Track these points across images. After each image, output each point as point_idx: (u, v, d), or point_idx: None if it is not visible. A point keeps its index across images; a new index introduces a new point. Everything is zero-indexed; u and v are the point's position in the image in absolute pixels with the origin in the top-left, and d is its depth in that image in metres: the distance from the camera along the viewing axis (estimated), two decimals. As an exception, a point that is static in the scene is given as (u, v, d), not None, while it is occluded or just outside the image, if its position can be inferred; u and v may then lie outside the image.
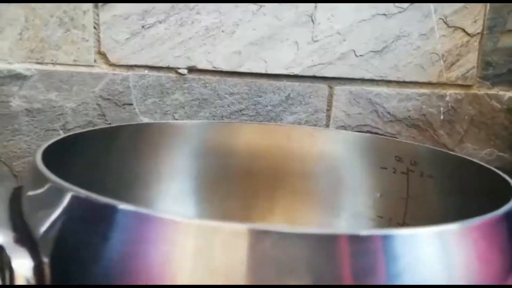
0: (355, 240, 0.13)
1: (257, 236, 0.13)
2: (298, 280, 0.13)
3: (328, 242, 0.13)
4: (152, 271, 0.14)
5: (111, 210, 0.15)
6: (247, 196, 0.36)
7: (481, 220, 0.15)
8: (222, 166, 0.36)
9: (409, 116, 0.43)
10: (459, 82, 0.45)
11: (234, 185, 0.36)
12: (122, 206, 0.15)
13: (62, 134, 0.33)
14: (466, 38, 0.43)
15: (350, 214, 0.34)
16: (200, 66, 0.38)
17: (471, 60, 0.45)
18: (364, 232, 0.13)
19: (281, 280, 0.13)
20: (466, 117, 0.45)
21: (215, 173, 0.35)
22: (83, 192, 0.16)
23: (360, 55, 0.41)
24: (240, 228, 0.13)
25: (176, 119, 0.38)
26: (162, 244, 0.14)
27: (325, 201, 0.35)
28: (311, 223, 0.34)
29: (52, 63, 0.35)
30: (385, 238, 0.14)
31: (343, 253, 0.13)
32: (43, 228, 0.16)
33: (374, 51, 0.41)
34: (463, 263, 0.15)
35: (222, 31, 0.37)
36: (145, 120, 0.37)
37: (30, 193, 0.19)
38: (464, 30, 0.43)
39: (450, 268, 0.15)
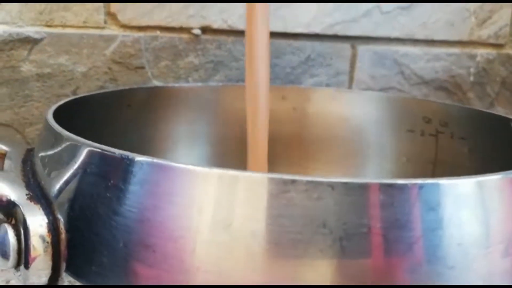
0: (390, 189, 0.12)
1: (281, 186, 0.12)
2: (328, 233, 0.12)
3: (359, 191, 0.12)
4: (172, 224, 0.14)
5: (128, 163, 0.14)
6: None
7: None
8: (239, 131, 0.34)
9: (437, 78, 0.41)
10: (491, 41, 0.42)
11: (252, 150, 0.34)
12: (139, 158, 0.14)
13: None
14: (501, -8, 0.40)
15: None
16: (215, 25, 0.36)
17: (504, 17, 0.42)
18: (400, 181, 0.12)
19: (304, 234, 0.12)
20: (498, 78, 0.43)
21: (233, 138, 0.34)
22: (98, 146, 0.15)
23: (386, 12, 0.38)
24: (262, 177, 0.12)
25: (190, 83, 0.37)
26: (181, 196, 0.14)
27: (348, 167, 0.33)
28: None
29: (62, 26, 0.34)
30: (423, 187, 0.13)
31: (376, 204, 0.12)
32: (57, 186, 0.16)
33: (401, 8, 0.38)
34: (504, 216, 0.14)
35: (237, -12, 0.35)
36: (159, 84, 0.36)
37: (43, 153, 0.19)
38: (499, -17, 0.40)
39: (489, 222, 0.14)
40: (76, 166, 0.16)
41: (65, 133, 0.17)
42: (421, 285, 0.13)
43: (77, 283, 0.15)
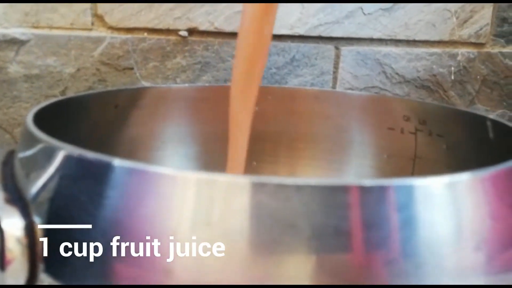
0: (359, 191, 0.13)
1: (257, 189, 0.13)
2: (298, 234, 0.12)
3: (329, 193, 0.13)
4: (150, 229, 0.14)
5: (106, 167, 0.14)
6: (252, 160, 0.35)
7: (494, 170, 0.15)
8: (226, 130, 0.35)
9: (418, 77, 0.42)
10: (472, 40, 0.43)
11: (239, 149, 0.35)
12: (117, 162, 0.14)
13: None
14: (480, -7, 0.41)
15: (356, 176, 0.33)
16: (202, 27, 0.37)
17: (485, 17, 0.43)
18: (369, 182, 0.13)
19: (280, 235, 0.13)
20: (478, 77, 0.44)
21: (219, 137, 0.35)
22: (75, 150, 0.15)
23: (369, 13, 0.39)
24: (239, 181, 0.13)
25: (178, 84, 0.37)
26: (160, 200, 0.14)
27: (331, 164, 0.34)
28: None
29: (49, 27, 0.34)
30: (392, 188, 0.13)
31: (346, 205, 0.12)
32: (34, 189, 0.16)
33: (383, 9, 0.39)
34: (474, 214, 0.14)
35: (223, -10, 0.36)
36: (147, 85, 0.36)
37: (21, 154, 0.19)
38: (478, -16, 0.41)
39: (459, 220, 0.14)
40: (52, 168, 0.16)
41: (41, 135, 0.17)
42: (391, 285, 0.13)
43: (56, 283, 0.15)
